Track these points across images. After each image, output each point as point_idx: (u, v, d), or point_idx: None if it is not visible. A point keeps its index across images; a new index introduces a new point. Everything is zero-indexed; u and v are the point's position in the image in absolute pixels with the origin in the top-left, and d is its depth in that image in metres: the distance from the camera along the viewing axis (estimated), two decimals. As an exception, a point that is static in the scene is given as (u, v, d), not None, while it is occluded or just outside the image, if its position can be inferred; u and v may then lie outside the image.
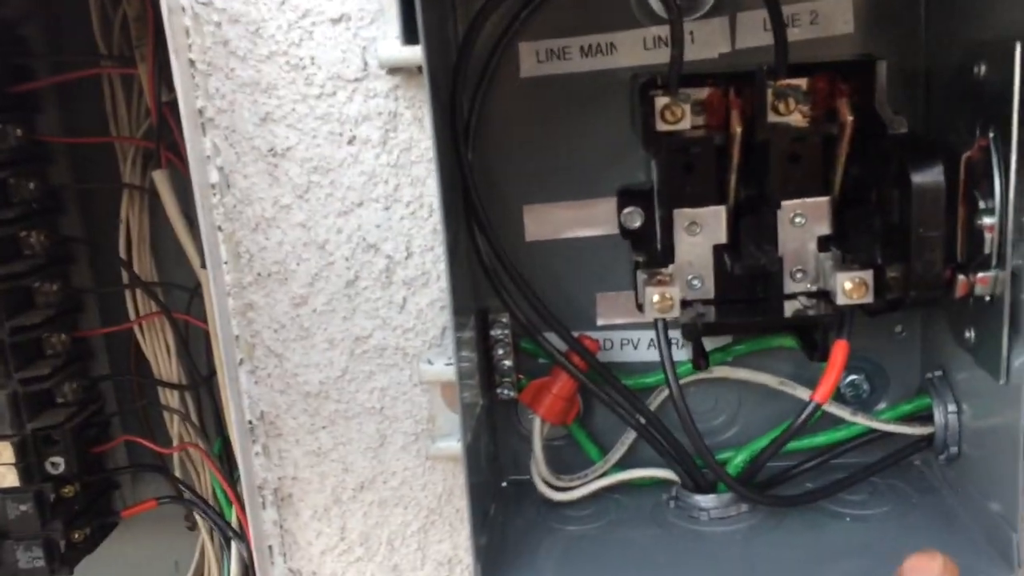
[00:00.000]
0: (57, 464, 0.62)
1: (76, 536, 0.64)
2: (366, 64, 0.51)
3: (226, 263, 0.55)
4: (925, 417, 0.50)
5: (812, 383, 0.51)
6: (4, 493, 0.62)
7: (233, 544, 0.65)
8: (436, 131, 0.41)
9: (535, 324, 0.49)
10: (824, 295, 0.45)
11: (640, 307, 0.46)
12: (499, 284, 0.48)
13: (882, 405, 0.53)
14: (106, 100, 0.62)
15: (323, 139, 0.53)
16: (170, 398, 0.66)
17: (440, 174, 0.41)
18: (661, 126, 0.43)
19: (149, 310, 0.65)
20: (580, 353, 0.50)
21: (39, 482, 0.62)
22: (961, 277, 0.42)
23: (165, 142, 0.61)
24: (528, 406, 0.52)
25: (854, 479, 0.50)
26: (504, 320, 0.51)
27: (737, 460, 0.52)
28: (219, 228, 0.54)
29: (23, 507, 0.62)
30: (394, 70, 0.51)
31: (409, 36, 0.46)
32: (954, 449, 0.48)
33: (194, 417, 0.66)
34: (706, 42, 0.48)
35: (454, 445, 0.52)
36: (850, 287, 0.42)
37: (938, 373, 0.49)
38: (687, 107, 0.43)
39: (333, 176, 0.53)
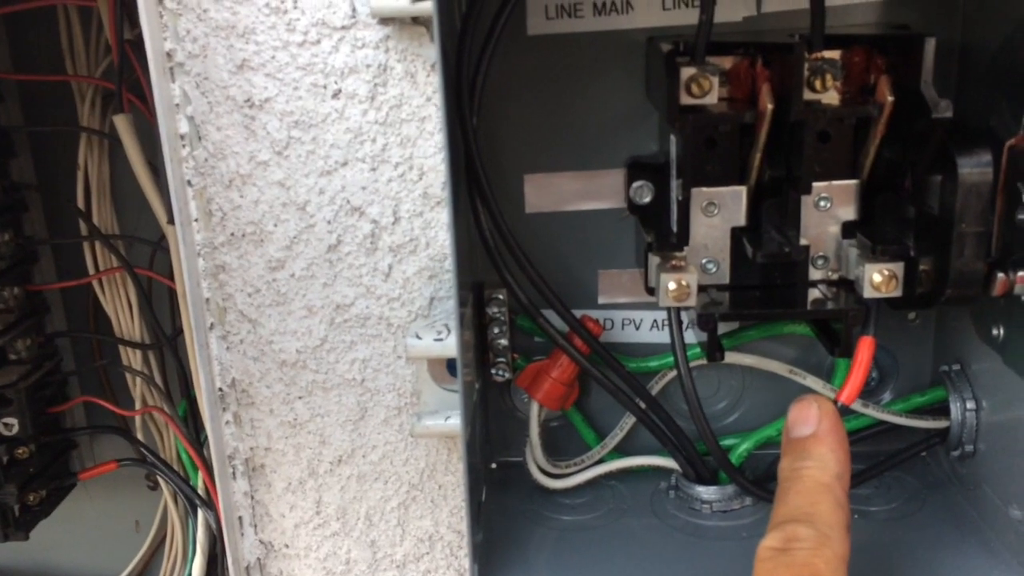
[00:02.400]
0: (10, 425, 0.60)
1: (31, 499, 0.62)
2: (355, 11, 0.47)
3: (196, 221, 0.51)
4: (938, 410, 0.48)
5: (820, 369, 0.49)
6: (-46, 456, 0.59)
7: (199, 511, 0.63)
8: (444, 96, 0.37)
9: (536, 304, 0.46)
10: (846, 284, 0.42)
11: (651, 291, 0.44)
12: (500, 261, 0.45)
13: (889, 395, 0.51)
14: (62, 34, 0.57)
15: (305, 91, 0.48)
16: (132, 358, 0.63)
17: (449, 148, 0.37)
18: (686, 99, 0.39)
19: (109, 264, 0.61)
20: (582, 336, 0.47)
21: (-9, 444, 0.59)
22: (1000, 275, 0.39)
23: (127, 83, 0.56)
24: (526, 390, 0.49)
25: (866, 475, 0.49)
26: (500, 297, 0.48)
27: (741, 448, 0.50)
28: (189, 183, 0.50)
29: (-27, 470, 0.59)
30: (386, 20, 0.46)
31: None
32: (969, 447, 0.47)
33: (158, 378, 0.63)
34: (730, 4, 0.44)
35: (441, 423, 0.49)
36: (879, 280, 0.40)
37: (955, 366, 0.47)
38: (715, 80, 0.39)
39: (315, 132, 0.49)
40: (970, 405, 0.46)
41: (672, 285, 0.41)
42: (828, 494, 0.36)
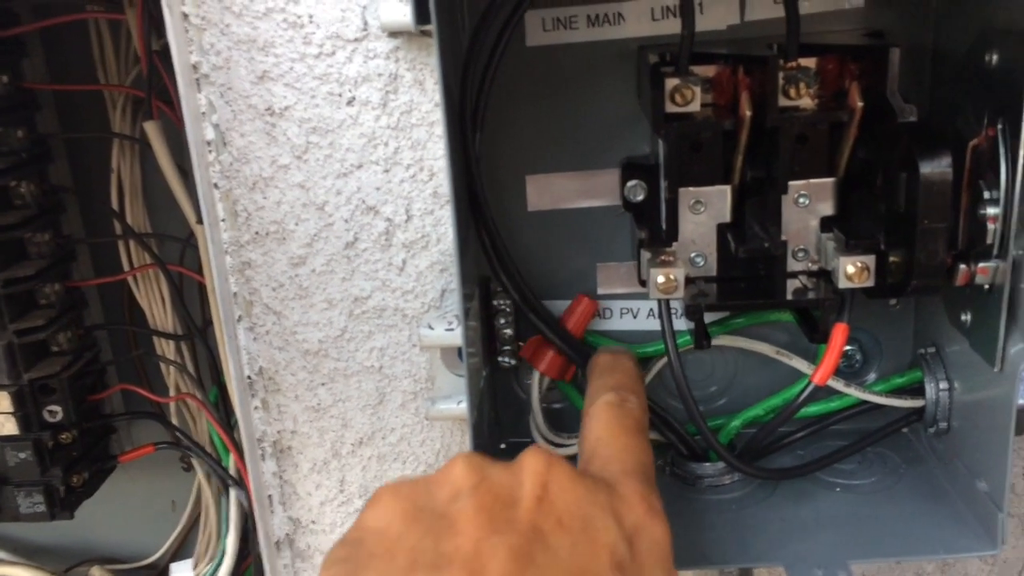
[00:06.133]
0: (55, 412, 0.63)
1: (75, 481, 0.65)
2: (366, 24, 0.50)
3: (223, 220, 0.54)
4: (916, 390, 0.51)
5: (807, 351, 0.52)
6: (3, 441, 0.62)
7: (231, 491, 0.66)
8: (446, 121, 0.40)
9: (530, 302, 0.50)
10: (824, 275, 0.45)
11: (643, 283, 0.47)
12: (496, 268, 0.48)
13: (873, 376, 0.54)
14: (93, 46, 0.61)
15: (322, 99, 0.52)
16: (165, 348, 0.66)
17: (452, 166, 0.41)
18: (671, 108, 0.42)
19: (142, 261, 0.64)
20: (564, 338, 0.51)
21: (37, 430, 0.63)
22: (962, 266, 0.42)
23: (156, 91, 0.59)
24: (528, 361, 0.53)
25: (848, 451, 0.52)
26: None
27: (730, 427, 0.53)
28: (215, 186, 0.54)
29: (22, 455, 0.63)
30: (395, 32, 0.50)
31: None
32: (943, 424, 0.49)
33: (190, 367, 0.66)
34: (715, 13, 0.47)
35: (454, 407, 0.53)
36: (852, 271, 0.43)
37: (931, 349, 0.50)
38: (697, 89, 0.42)
39: (332, 137, 0.52)
40: (943, 385, 0.49)
41: (661, 279, 0.44)
42: (640, 381, 0.48)
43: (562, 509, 0.33)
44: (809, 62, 0.43)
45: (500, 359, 0.52)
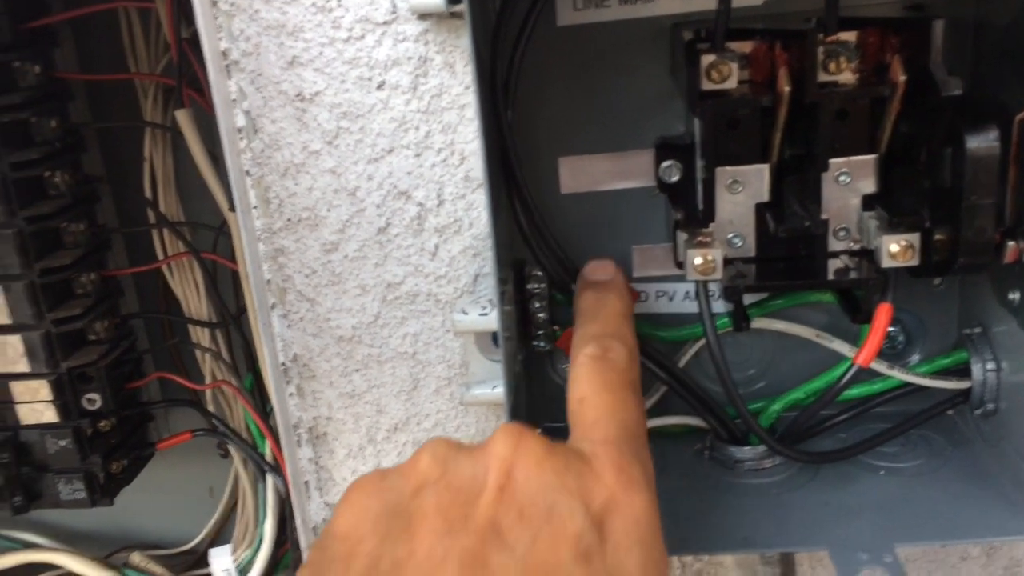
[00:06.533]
0: (93, 400, 0.64)
1: (114, 468, 0.66)
2: (395, 7, 0.50)
3: (255, 208, 0.54)
4: (962, 371, 0.50)
5: (848, 333, 0.51)
6: (43, 429, 0.63)
7: (268, 476, 0.67)
8: (478, 93, 0.39)
9: (567, 283, 0.49)
10: (867, 254, 0.44)
11: (680, 265, 0.46)
12: (533, 243, 0.48)
13: (916, 357, 0.53)
14: (123, 35, 0.61)
15: (352, 84, 0.51)
16: (201, 336, 0.67)
17: (484, 142, 0.40)
18: (707, 85, 0.41)
19: (176, 249, 0.65)
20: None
21: (77, 418, 0.63)
22: (1011, 243, 0.41)
23: (186, 78, 0.59)
24: (565, 351, 0.52)
25: (891, 433, 0.51)
26: (539, 274, 0.50)
27: (771, 410, 0.52)
28: (247, 173, 0.54)
29: (62, 442, 0.64)
30: (424, 15, 0.49)
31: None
32: (991, 406, 0.48)
33: (225, 354, 0.67)
34: (751, -12, 0.46)
35: (489, 392, 0.53)
36: (896, 250, 0.42)
37: (977, 329, 0.49)
38: (734, 66, 0.41)
39: (363, 122, 0.52)
40: (991, 366, 0.48)
41: (698, 260, 0.43)
42: (627, 321, 0.44)
43: (524, 499, 0.32)
44: (849, 36, 0.42)
45: (535, 343, 0.52)
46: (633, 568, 0.31)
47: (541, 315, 0.51)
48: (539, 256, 0.48)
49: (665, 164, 0.48)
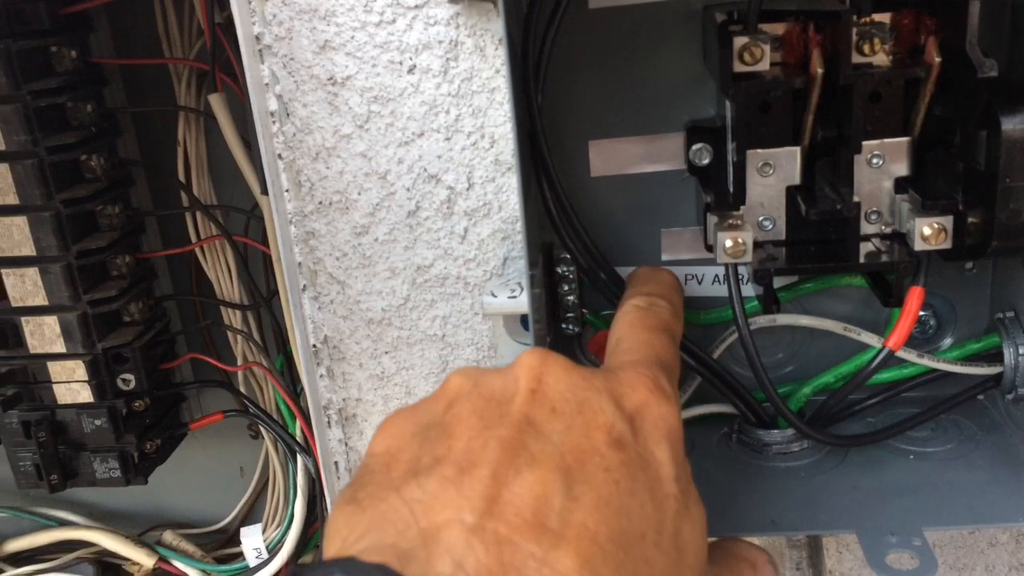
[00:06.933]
0: (128, 381, 0.65)
1: (148, 447, 0.67)
2: (426, -10, 0.50)
3: (287, 191, 0.55)
4: (993, 356, 0.50)
5: (876, 324, 0.51)
6: (79, 409, 0.64)
7: (299, 457, 0.67)
8: (510, 77, 0.39)
9: (596, 270, 0.49)
10: (899, 237, 0.44)
11: (709, 248, 0.46)
12: (562, 227, 0.48)
13: (948, 341, 0.53)
14: (158, 20, 0.61)
15: (383, 68, 0.52)
16: (232, 318, 0.68)
17: (516, 125, 0.40)
18: (739, 67, 0.41)
19: (209, 232, 0.65)
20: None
21: (112, 398, 0.65)
22: (1045, 227, 0.41)
23: (219, 63, 0.60)
24: (595, 356, 0.52)
25: (920, 418, 0.50)
26: (568, 257, 0.51)
27: (800, 394, 0.52)
28: (279, 156, 0.54)
29: (98, 422, 0.65)
30: (455, -2, 0.49)
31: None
32: (1022, 391, 0.48)
33: (256, 336, 0.68)
34: (784, -31, 0.46)
35: (517, 374, 0.53)
36: (929, 233, 0.42)
37: (1009, 313, 0.49)
38: (767, 47, 0.41)
39: (393, 106, 0.52)
40: (1023, 351, 0.48)
41: (729, 243, 0.43)
42: (678, 293, 0.46)
43: (555, 397, 0.33)
44: (884, 17, 0.41)
45: (564, 326, 0.52)
46: (664, 458, 0.33)
47: (570, 298, 0.51)
48: (567, 242, 0.48)
49: (695, 147, 0.48)
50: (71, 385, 0.63)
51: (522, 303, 0.49)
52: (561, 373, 0.34)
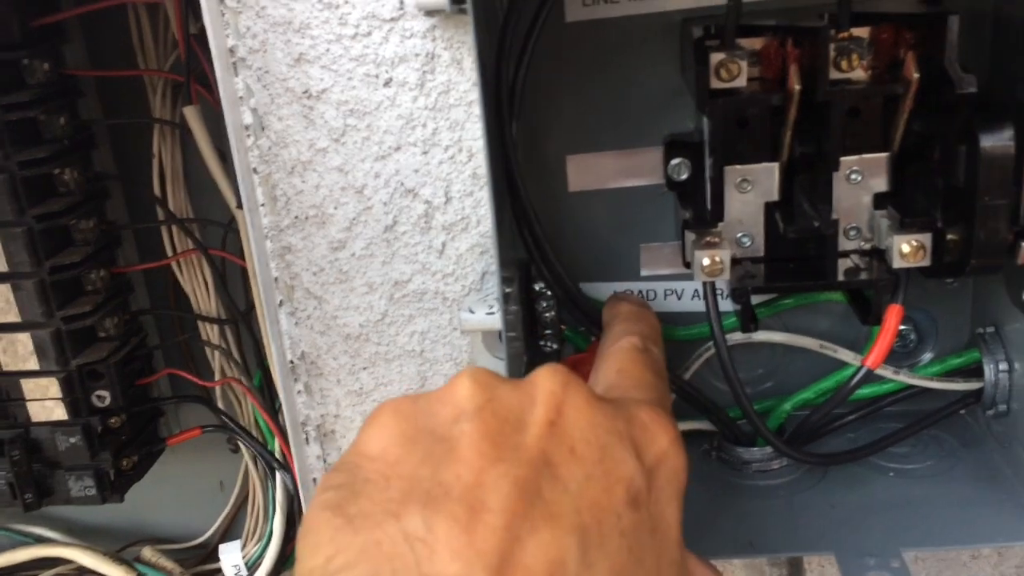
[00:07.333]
0: (103, 397, 0.64)
1: (125, 464, 0.66)
2: (402, 3, 0.49)
3: (263, 205, 0.54)
4: (974, 370, 0.49)
5: (857, 339, 0.51)
6: (54, 427, 0.63)
7: (278, 474, 0.67)
8: (483, 103, 0.39)
9: (569, 294, 0.49)
10: (878, 254, 0.44)
11: (688, 265, 0.46)
12: (536, 258, 0.47)
13: (928, 356, 0.52)
14: (132, 31, 0.61)
15: (359, 81, 0.51)
16: (210, 332, 0.67)
17: (488, 148, 0.40)
18: (716, 83, 0.41)
19: (185, 246, 0.65)
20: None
21: (86, 415, 0.63)
22: (1024, 244, 0.40)
23: (194, 75, 0.59)
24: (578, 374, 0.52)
25: (901, 435, 0.50)
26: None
27: (780, 410, 0.52)
28: (255, 170, 0.53)
29: (72, 439, 0.64)
30: (431, 11, 0.49)
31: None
32: (1003, 407, 0.48)
33: (234, 351, 0.67)
34: (763, -18, 0.46)
35: (495, 391, 0.52)
36: (908, 250, 0.41)
37: (990, 329, 0.49)
38: (744, 63, 0.41)
39: (370, 119, 0.52)
40: (1003, 367, 0.47)
41: (706, 261, 0.43)
42: (662, 340, 0.46)
43: (576, 436, 0.30)
44: (862, 32, 0.41)
45: (542, 343, 0.51)
46: (672, 519, 0.31)
47: (548, 315, 0.50)
48: (540, 270, 0.48)
49: (674, 162, 0.47)
50: (45, 403, 0.62)
51: (499, 319, 0.48)
52: (584, 406, 0.31)
